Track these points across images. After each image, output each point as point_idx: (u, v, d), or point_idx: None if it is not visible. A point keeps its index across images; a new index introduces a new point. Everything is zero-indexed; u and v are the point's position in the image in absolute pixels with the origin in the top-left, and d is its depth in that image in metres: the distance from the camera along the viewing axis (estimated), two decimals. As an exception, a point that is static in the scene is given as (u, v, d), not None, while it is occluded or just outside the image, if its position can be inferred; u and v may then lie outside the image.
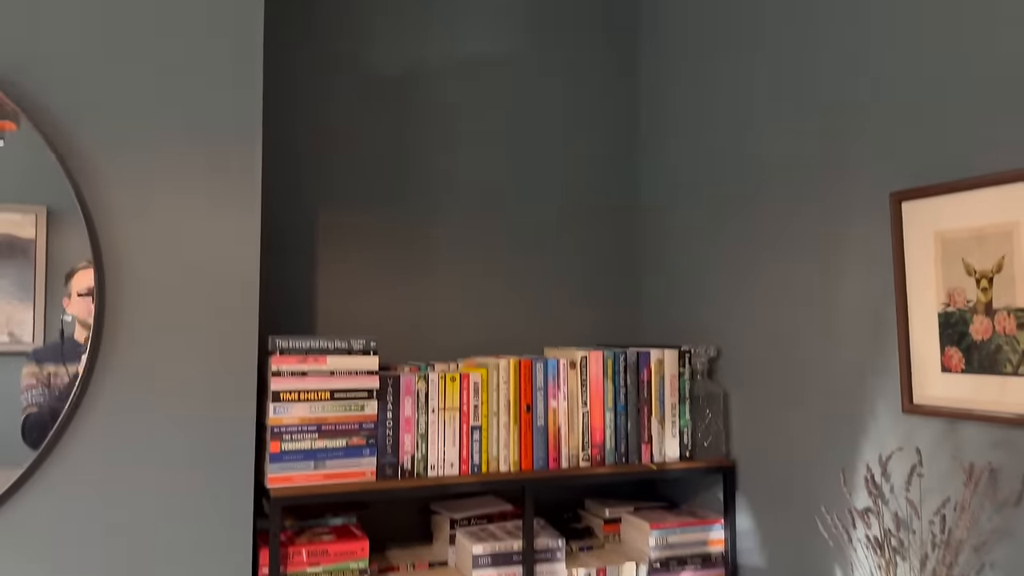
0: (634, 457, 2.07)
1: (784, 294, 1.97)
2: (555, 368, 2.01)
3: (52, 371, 1.52)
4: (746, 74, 2.11)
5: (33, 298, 1.50)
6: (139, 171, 1.61)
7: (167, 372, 1.61)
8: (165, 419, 1.60)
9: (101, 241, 1.58)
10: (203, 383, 1.63)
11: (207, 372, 1.64)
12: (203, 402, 1.63)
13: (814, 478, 1.86)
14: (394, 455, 1.84)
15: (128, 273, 1.60)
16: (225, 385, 1.65)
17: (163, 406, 1.60)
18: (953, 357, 1.55)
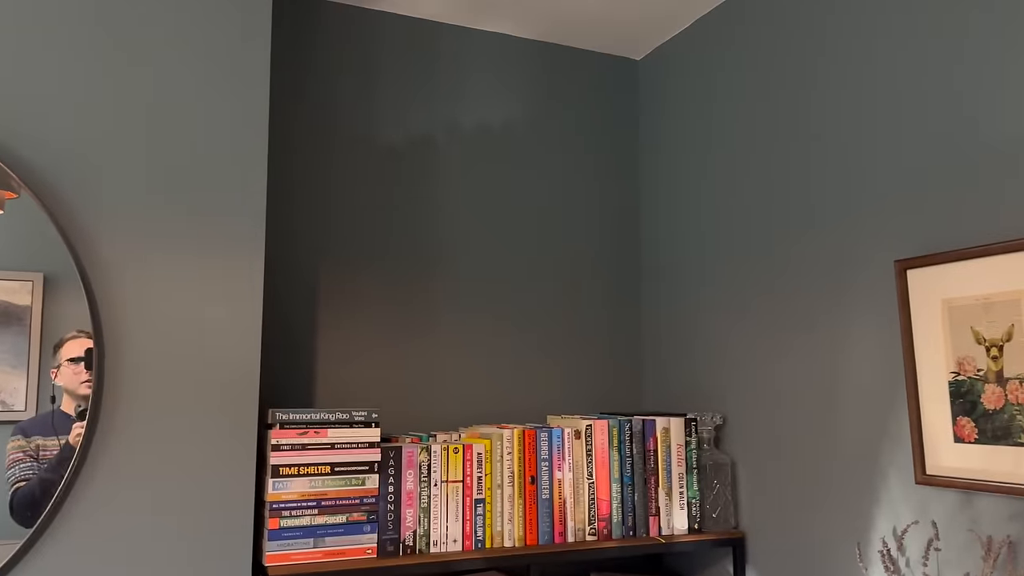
0: (641, 530, 2.02)
1: (790, 362, 1.95)
2: (560, 438, 1.98)
3: (40, 443, 1.49)
4: (749, 140, 2.13)
5: (27, 366, 1.48)
6: (139, 242, 1.61)
7: (165, 447, 1.58)
8: (162, 496, 1.56)
9: (101, 312, 1.56)
10: (202, 459, 1.60)
11: (206, 447, 1.60)
12: (201, 478, 1.59)
13: (827, 551, 1.81)
14: (395, 531, 1.79)
15: (128, 346, 1.58)
16: (224, 461, 1.61)
17: (161, 482, 1.56)
18: (965, 427, 1.53)
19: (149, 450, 1.57)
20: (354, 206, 2.23)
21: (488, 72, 2.42)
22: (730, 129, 2.19)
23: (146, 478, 1.56)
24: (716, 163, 2.24)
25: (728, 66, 2.21)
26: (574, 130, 2.51)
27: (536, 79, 2.48)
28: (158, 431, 1.58)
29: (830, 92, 1.87)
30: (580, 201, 2.49)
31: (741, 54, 2.16)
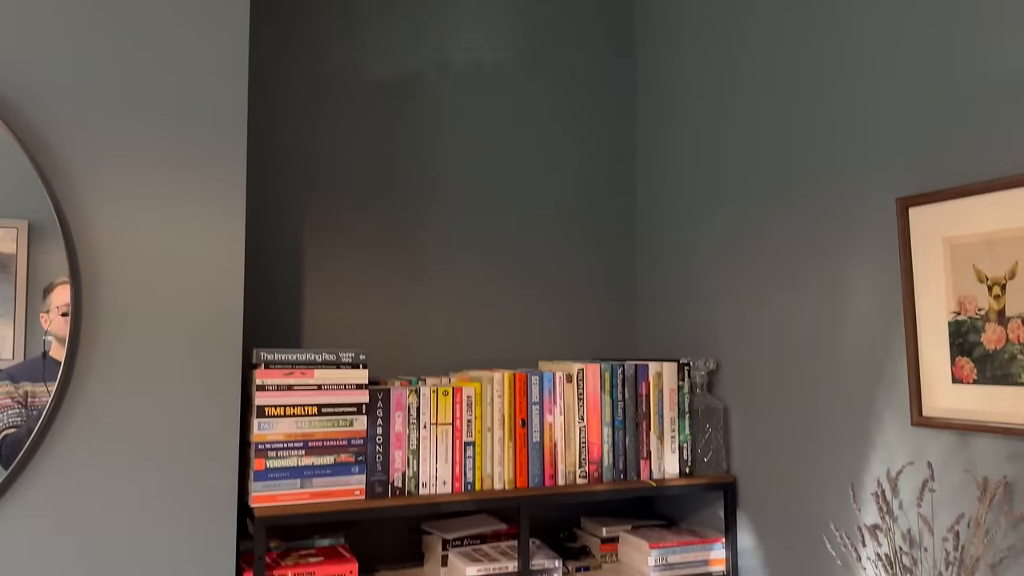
0: (632, 473, 2.00)
1: (786, 304, 1.92)
2: (551, 382, 1.95)
3: (29, 390, 1.45)
4: (748, 80, 2.07)
5: (13, 313, 1.44)
6: (118, 183, 1.55)
7: (146, 388, 1.54)
8: (144, 436, 1.53)
9: (79, 252, 1.51)
10: (184, 398, 1.56)
11: (188, 387, 1.56)
12: (184, 418, 1.56)
13: (820, 494, 1.79)
14: (384, 473, 1.77)
15: (106, 286, 1.52)
16: (207, 400, 1.57)
17: (142, 423, 1.53)
18: (964, 367, 1.50)
19: (129, 391, 1.53)
20: (342, 147, 2.16)
21: (479, 5, 2.33)
22: (729, 71, 2.12)
23: (127, 419, 1.52)
24: (714, 106, 2.18)
25: (727, 2, 2.13)
26: (569, 69, 2.44)
27: (529, 14, 2.40)
28: (139, 372, 1.53)
29: (826, 30, 1.80)
30: (575, 145, 2.43)
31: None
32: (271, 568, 1.64)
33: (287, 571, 1.64)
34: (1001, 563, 1.42)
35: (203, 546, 1.55)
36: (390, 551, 2.10)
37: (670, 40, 2.37)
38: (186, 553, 1.54)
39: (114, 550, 1.49)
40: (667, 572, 1.97)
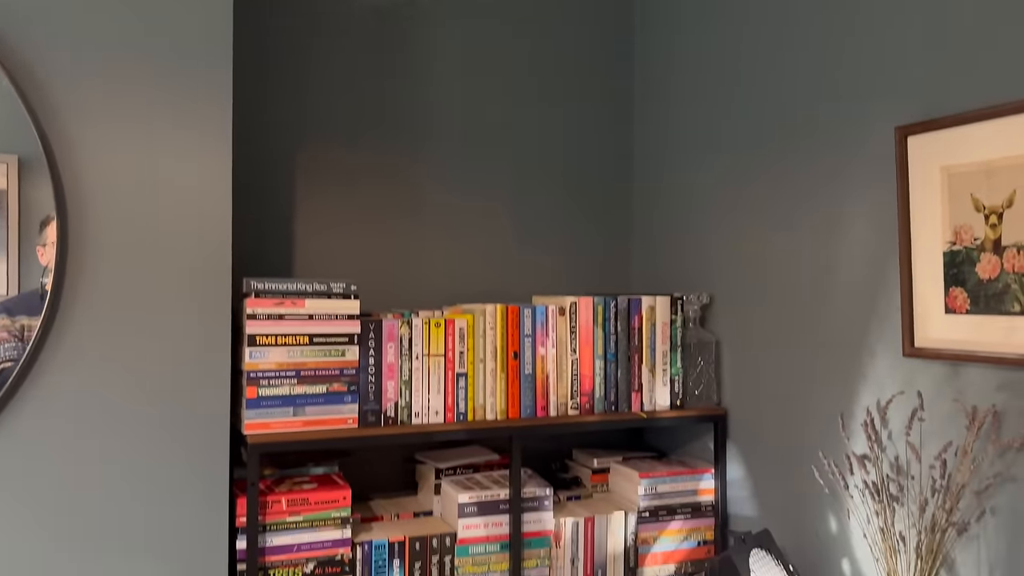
0: (624, 406, 2.01)
1: (782, 238, 1.90)
2: (543, 315, 1.94)
3: (26, 323, 1.44)
4: (742, 11, 2.02)
5: (6, 248, 1.42)
6: (105, 110, 1.51)
7: (135, 317, 1.53)
8: (133, 365, 1.52)
9: (64, 182, 1.48)
10: (174, 327, 1.55)
11: (179, 315, 1.55)
12: (175, 347, 1.55)
13: (809, 424, 1.81)
14: (377, 402, 1.77)
15: (93, 216, 1.50)
16: (198, 328, 1.56)
17: (131, 352, 1.52)
18: (958, 298, 1.50)
19: (118, 320, 1.51)
20: (333, 77, 2.11)
21: (473, -70, 2.26)
22: (729, 6, 2.07)
23: (116, 349, 1.51)
24: (714, 39, 2.12)
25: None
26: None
27: (524, -60, 2.32)
28: (127, 301, 1.52)
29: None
30: (573, 81, 2.38)
31: (744, -90, 2.02)
32: (265, 494, 1.66)
33: (281, 497, 1.66)
34: (986, 490, 1.44)
35: (197, 473, 1.56)
36: (384, 481, 2.13)
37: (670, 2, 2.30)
38: (180, 480, 1.55)
39: (107, 480, 1.50)
40: (656, 501, 2.00)
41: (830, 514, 1.75)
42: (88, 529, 1.48)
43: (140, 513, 1.52)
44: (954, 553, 1.49)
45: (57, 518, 1.47)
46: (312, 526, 1.68)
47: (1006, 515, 1.41)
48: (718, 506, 2.04)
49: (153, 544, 1.52)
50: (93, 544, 1.48)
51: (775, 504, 1.90)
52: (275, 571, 1.64)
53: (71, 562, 1.47)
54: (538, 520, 1.88)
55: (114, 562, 1.49)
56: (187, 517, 1.55)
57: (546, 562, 1.88)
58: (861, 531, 1.67)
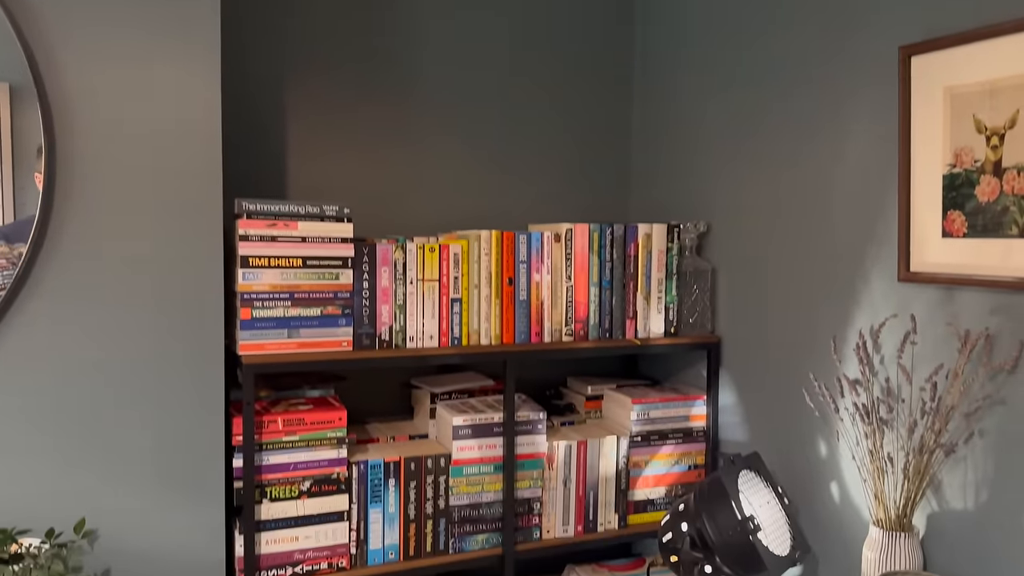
0: (618, 332, 2.02)
1: (780, 162, 1.88)
2: (539, 241, 1.93)
3: (23, 251, 1.43)
4: (749, -76, 1.95)
5: (1, 175, 1.40)
6: (92, 28, 1.47)
7: (126, 237, 1.51)
8: (125, 286, 1.52)
9: (52, 102, 1.45)
10: (166, 247, 1.54)
11: (170, 235, 1.54)
12: (166, 268, 1.54)
13: (802, 349, 1.82)
14: (371, 326, 1.77)
15: (80, 136, 1.47)
16: (190, 249, 1.56)
17: (122, 273, 1.51)
18: (956, 221, 1.48)
19: (110, 238, 1.50)
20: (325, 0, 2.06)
21: None
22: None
23: (107, 271, 1.50)
24: (716, -50, 2.06)
25: None
26: (563, -85, 2.30)
27: None
28: (117, 221, 1.50)
29: None
30: (575, 4, 2.32)
31: None
32: (261, 415, 1.67)
33: (276, 417, 1.67)
34: (976, 412, 1.45)
35: (192, 393, 1.57)
36: (380, 406, 2.15)
37: None
38: (176, 400, 1.56)
39: (102, 400, 1.51)
40: (649, 426, 2.02)
41: (819, 437, 1.77)
42: (86, 448, 1.50)
43: (136, 432, 1.53)
44: (941, 474, 1.51)
45: (55, 438, 1.48)
46: (308, 446, 1.70)
47: (994, 437, 1.42)
48: (709, 431, 2.06)
49: (151, 462, 1.54)
50: (92, 462, 1.50)
51: (765, 428, 1.92)
52: (272, 489, 1.66)
53: (69, 481, 1.49)
54: (531, 443, 1.90)
55: (113, 479, 1.52)
56: (184, 435, 1.56)
57: (539, 483, 1.91)
58: (850, 453, 1.69)
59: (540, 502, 1.91)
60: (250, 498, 1.62)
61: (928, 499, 1.53)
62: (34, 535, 1.46)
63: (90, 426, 1.50)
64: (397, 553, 1.79)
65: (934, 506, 1.52)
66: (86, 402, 1.50)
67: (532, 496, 1.90)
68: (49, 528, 1.43)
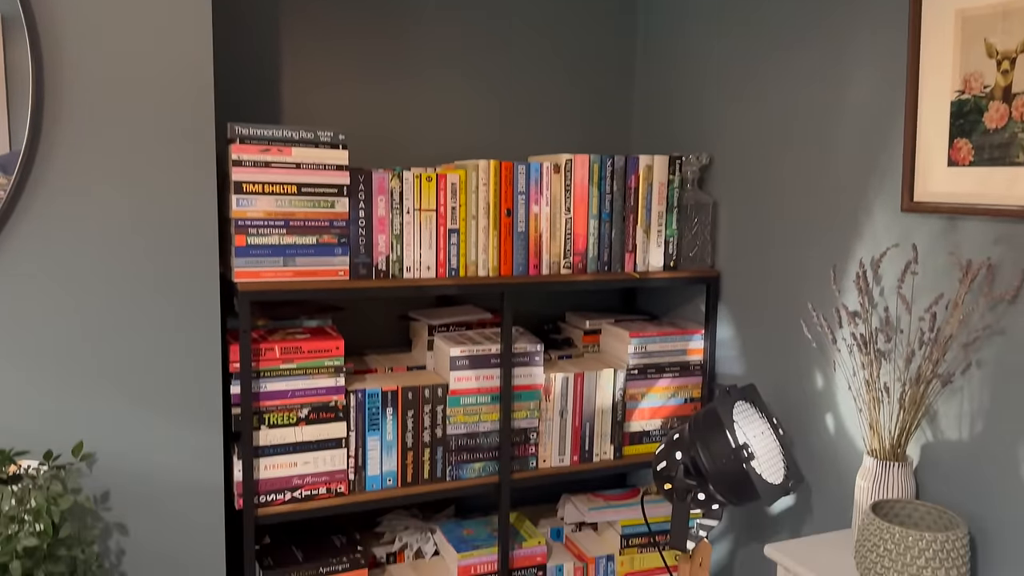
0: (617, 266, 2.00)
1: (784, 93, 1.84)
2: (538, 172, 1.90)
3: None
4: None
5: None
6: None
7: (117, 161, 1.49)
8: (116, 212, 1.50)
9: (40, 30, 1.41)
10: (157, 174, 1.51)
11: (161, 161, 1.51)
12: (159, 194, 1.52)
13: (801, 280, 1.80)
14: (368, 255, 1.76)
15: (68, 60, 1.43)
16: (182, 175, 1.53)
17: (113, 199, 1.49)
18: (962, 149, 1.45)
19: (99, 164, 1.47)
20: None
21: None
22: None
23: (96, 195, 1.48)
24: None
25: None
26: None
27: None
28: (107, 145, 1.47)
29: None
30: (570, -81, 2.24)
31: None
32: (258, 343, 1.67)
33: (274, 345, 1.67)
34: (974, 343, 1.45)
35: (189, 319, 1.56)
36: (378, 338, 2.15)
37: None
38: (172, 326, 1.55)
39: (98, 325, 1.50)
40: (646, 360, 2.02)
41: (816, 370, 1.77)
42: (83, 375, 1.50)
43: (134, 357, 1.53)
44: (936, 405, 1.51)
45: (52, 363, 1.48)
46: (306, 374, 1.70)
47: (992, 367, 1.42)
48: (706, 365, 2.06)
49: (148, 387, 1.54)
50: (89, 386, 1.50)
51: (762, 361, 1.92)
52: (270, 415, 1.67)
53: (66, 405, 1.49)
54: (528, 374, 1.91)
55: (111, 405, 1.52)
56: (181, 361, 1.56)
57: (535, 414, 1.92)
58: (846, 384, 1.69)
59: (536, 432, 1.92)
60: (248, 424, 1.63)
61: (923, 430, 1.54)
62: (32, 457, 1.47)
63: (86, 350, 1.50)
64: (395, 480, 1.81)
65: (928, 437, 1.53)
66: (82, 326, 1.49)
67: (529, 426, 1.91)
68: (47, 450, 1.44)
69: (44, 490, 1.34)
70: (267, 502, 1.68)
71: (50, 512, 1.31)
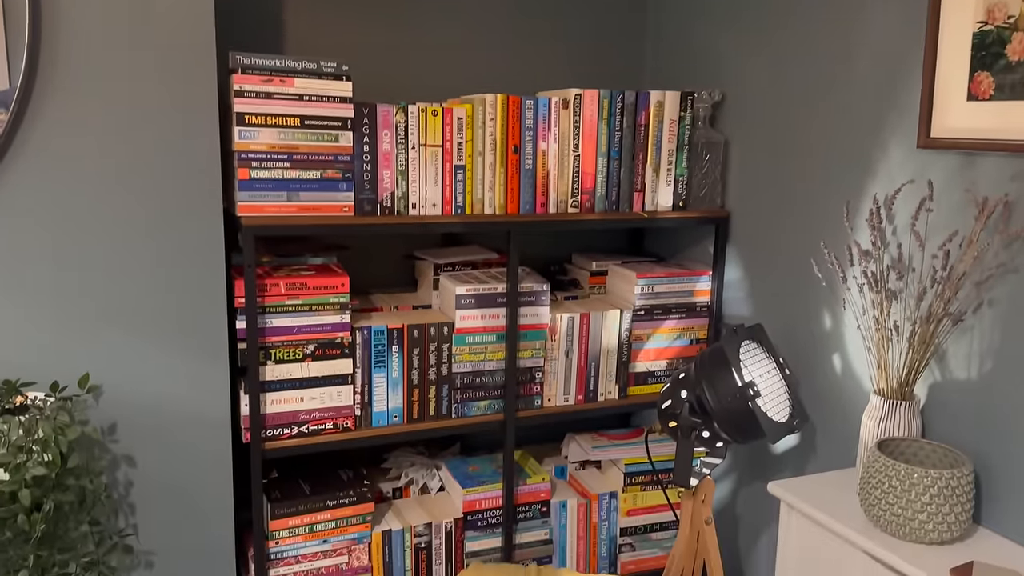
0: (625, 205, 1.97)
1: (801, 28, 1.78)
2: (546, 107, 1.86)
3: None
4: None
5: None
6: None
7: (116, 92, 1.45)
8: (116, 145, 1.47)
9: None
10: (158, 103, 1.48)
11: (162, 91, 1.48)
12: (160, 124, 1.49)
13: (813, 219, 1.78)
14: (372, 191, 1.74)
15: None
16: (183, 106, 1.50)
17: (116, 129, 1.46)
18: (983, 83, 1.41)
19: (96, 96, 1.44)
20: None
21: None
22: None
23: (98, 123, 1.45)
24: None
25: None
26: None
27: None
28: (106, 76, 1.44)
29: None
30: None
31: None
32: (262, 278, 1.66)
33: (279, 280, 1.66)
34: (987, 281, 1.43)
35: (192, 253, 1.55)
36: (383, 277, 2.14)
37: None
38: (176, 260, 1.54)
39: (102, 257, 1.49)
40: (652, 301, 2.01)
41: (824, 309, 1.75)
42: (86, 310, 1.49)
43: (138, 291, 1.52)
44: (946, 344, 1.50)
45: (56, 295, 1.47)
46: (311, 310, 1.69)
47: (1004, 306, 1.40)
48: (713, 306, 2.05)
49: (154, 321, 1.54)
50: (92, 323, 1.50)
51: (770, 302, 1.91)
52: (276, 351, 1.67)
53: (72, 338, 1.49)
54: (534, 314, 1.90)
55: (116, 339, 1.52)
56: (186, 295, 1.56)
57: (541, 353, 1.91)
58: (855, 324, 1.68)
59: (542, 372, 1.92)
60: (254, 359, 1.63)
61: (931, 369, 1.53)
62: (38, 389, 1.47)
63: (88, 285, 1.49)
64: (401, 416, 1.81)
65: (936, 376, 1.52)
66: (82, 262, 1.48)
67: (534, 365, 1.91)
68: (53, 381, 1.44)
69: (51, 420, 1.34)
70: (274, 436, 1.69)
71: (57, 442, 1.32)
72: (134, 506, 1.57)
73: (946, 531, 1.34)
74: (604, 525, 2.06)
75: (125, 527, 1.56)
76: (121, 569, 1.57)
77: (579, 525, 2.04)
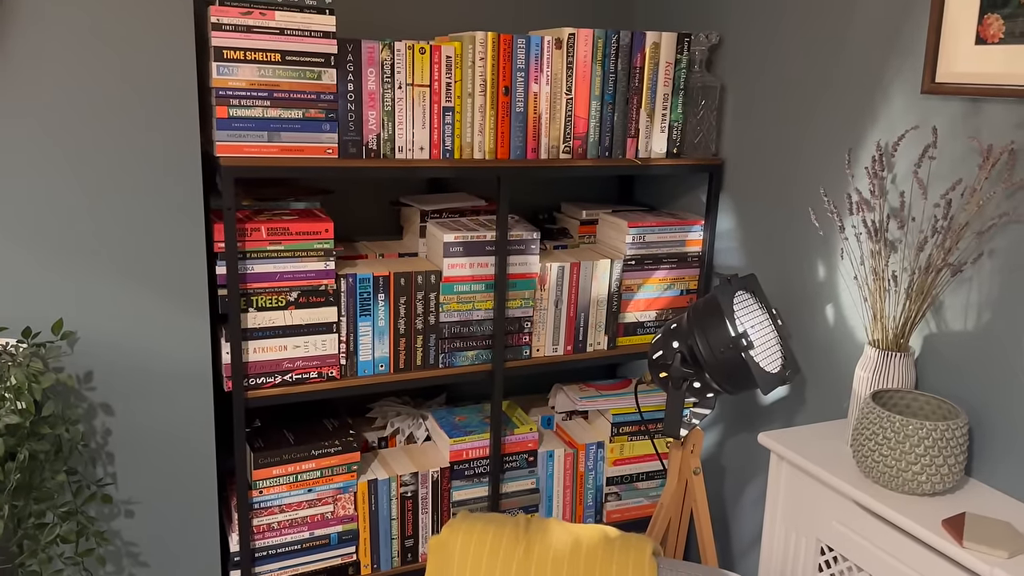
0: (618, 152, 1.92)
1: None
2: (538, 47, 1.79)
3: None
4: None
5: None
6: None
7: (85, 22, 1.37)
8: (89, 75, 1.39)
9: None
10: (131, 35, 1.40)
11: (135, 22, 1.40)
12: (133, 57, 1.41)
13: (811, 166, 1.74)
14: (357, 133, 1.67)
15: None
16: (158, 36, 1.42)
17: (83, 64, 1.38)
18: (992, 25, 1.36)
19: (63, 27, 1.36)
20: None
21: None
22: None
23: (63, 61, 1.37)
24: None
25: None
26: None
27: None
28: (74, 10, 1.36)
29: None
30: None
31: None
32: (243, 223, 1.60)
33: (260, 225, 1.60)
34: (989, 230, 1.40)
35: (169, 195, 1.48)
36: (368, 224, 2.08)
37: None
38: (151, 202, 1.48)
39: (74, 199, 1.42)
40: (643, 250, 1.97)
41: (819, 260, 1.72)
42: (58, 253, 1.43)
43: (112, 233, 1.46)
44: (944, 295, 1.48)
45: (25, 240, 1.40)
46: (294, 256, 1.64)
47: (1004, 257, 1.38)
48: (705, 256, 2.02)
49: (129, 265, 1.48)
50: (65, 267, 1.44)
51: (764, 253, 1.87)
52: (258, 298, 1.62)
53: (42, 283, 1.43)
54: (524, 263, 1.85)
55: (89, 283, 1.46)
56: (162, 238, 1.50)
57: (530, 303, 1.88)
58: (851, 274, 1.65)
59: (531, 321, 1.89)
60: (235, 306, 1.58)
61: (927, 320, 1.51)
62: (9, 335, 1.42)
63: (59, 228, 1.42)
64: (387, 365, 1.77)
65: (932, 327, 1.50)
66: (52, 203, 1.41)
67: (523, 315, 1.87)
68: (26, 327, 1.38)
69: (24, 367, 1.29)
70: (257, 385, 1.65)
71: (31, 390, 1.27)
72: (113, 455, 1.53)
73: (939, 483, 1.33)
74: (591, 475, 2.05)
75: (103, 476, 1.52)
76: (100, 519, 1.53)
77: (566, 475, 2.03)
